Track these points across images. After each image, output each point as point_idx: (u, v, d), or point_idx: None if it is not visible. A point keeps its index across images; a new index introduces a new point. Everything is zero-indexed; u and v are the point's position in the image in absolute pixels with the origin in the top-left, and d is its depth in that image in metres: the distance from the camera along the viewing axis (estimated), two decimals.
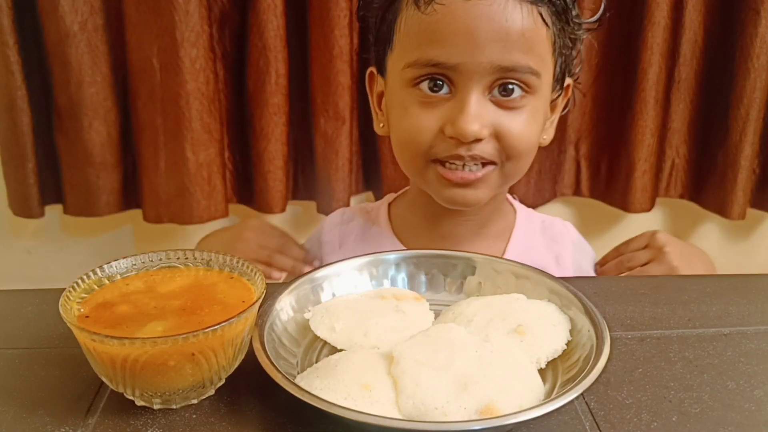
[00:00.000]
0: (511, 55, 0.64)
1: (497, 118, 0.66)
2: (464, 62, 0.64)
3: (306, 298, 0.55)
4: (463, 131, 0.64)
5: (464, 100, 0.65)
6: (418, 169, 0.71)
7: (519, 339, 0.49)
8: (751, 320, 0.59)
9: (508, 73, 0.65)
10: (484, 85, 0.65)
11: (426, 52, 0.65)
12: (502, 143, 0.67)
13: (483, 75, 0.64)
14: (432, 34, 0.65)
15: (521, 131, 0.67)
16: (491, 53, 0.63)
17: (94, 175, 1.20)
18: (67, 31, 1.11)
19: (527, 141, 0.68)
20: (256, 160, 1.21)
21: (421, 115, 0.67)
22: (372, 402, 0.42)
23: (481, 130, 0.65)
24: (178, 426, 0.45)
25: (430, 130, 0.67)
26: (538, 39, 0.65)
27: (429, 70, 0.66)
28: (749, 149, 1.23)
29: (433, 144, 0.68)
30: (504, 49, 0.63)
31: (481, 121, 0.65)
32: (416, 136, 0.68)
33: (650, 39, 1.17)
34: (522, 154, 0.69)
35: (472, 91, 0.65)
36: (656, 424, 0.45)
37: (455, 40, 0.64)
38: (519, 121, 0.67)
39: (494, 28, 0.63)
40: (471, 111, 0.64)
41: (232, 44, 1.18)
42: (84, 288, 0.49)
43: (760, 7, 1.15)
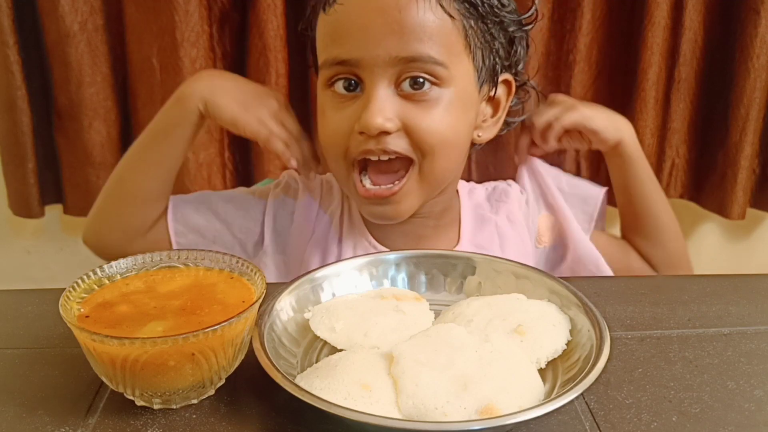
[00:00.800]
0: (408, 46, 0.64)
1: (405, 112, 0.66)
2: (363, 57, 0.65)
3: (306, 298, 0.55)
4: (367, 124, 0.65)
5: (370, 95, 0.66)
6: (342, 176, 0.71)
7: (519, 339, 0.49)
8: (751, 320, 0.59)
9: (410, 64, 0.65)
10: (389, 79, 0.66)
11: (331, 52, 0.67)
12: (413, 137, 0.67)
13: (384, 68, 0.65)
14: (334, 33, 0.67)
15: (431, 124, 0.66)
16: (387, 46, 0.64)
17: (94, 175, 1.20)
18: (67, 31, 1.11)
19: (441, 134, 0.67)
20: (256, 160, 1.21)
21: (335, 116, 0.69)
22: (372, 402, 0.42)
23: (384, 123, 0.65)
24: (178, 426, 0.45)
25: (343, 129, 0.68)
26: (441, 30, 0.65)
27: (337, 69, 0.67)
28: (749, 149, 1.23)
29: (347, 144, 0.68)
30: (400, 40, 0.64)
31: (385, 114, 0.65)
32: (332, 137, 0.69)
33: (650, 39, 1.17)
34: (436, 149, 0.67)
35: (378, 86, 0.65)
36: (656, 424, 0.45)
37: (352, 36, 0.65)
38: (429, 115, 0.66)
39: (388, 21, 0.64)
40: (375, 105, 0.65)
41: (232, 44, 1.18)
42: (84, 288, 0.49)
43: (760, 7, 1.15)
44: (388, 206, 0.69)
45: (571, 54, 1.21)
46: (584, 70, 1.23)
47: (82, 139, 1.17)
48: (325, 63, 0.68)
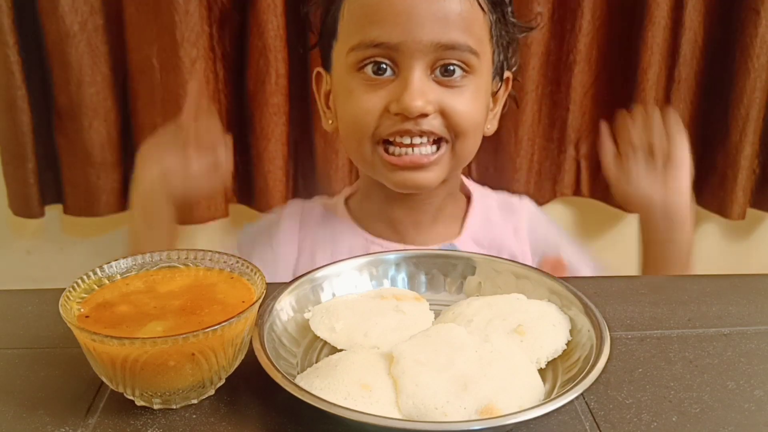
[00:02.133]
0: (450, 34, 0.67)
1: (441, 97, 0.69)
2: (405, 41, 0.66)
3: (306, 298, 0.55)
4: (407, 106, 0.66)
5: (408, 78, 0.67)
6: (364, 154, 0.72)
7: (519, 339, 0.49)
8: (751, 320, 0.59)
9: (448, 51, 0.67)
10: (426, 64, 0.68)
11: (368, 34, 0.68)
12: (448, 120, 0.69)
13: (424, 53, 0.67)
14: (374, 16, 0.67)
15: (465, 109, 0.70)
16: (431, 31, 0.66)
17: (94, 175, 1.20)
18: (67, 31, 1.11)
19: (473, 118, 0.71)
20: (256, 160, 1.21)
21: (366, 95, 0.69)
22: (372, 402, 0.42)
23: (425, 106, 0.67)
24: (178, 426, 0.45)
25: (376, 109, 0.69)
26: (476, 21, 0.69)
27: (372, 52, 0.68)
28: (749, 149, 1.23)
29: (378, 123, 0.69)
30: (443, 27, 0.66)
31: (425, 97, 0.67)
32: (362, 117, 0.70)
33: (650, 39, 1.17)
34: (469, 131, 0.71)
35: (415, 70, 0.67)
36: (656, 424, 0.45)
37: (396, 20, 0.66)
38: (462, 99, 0.69)
39: (433, 9, 0.66)
40: (415, 87, 0.67)
41: (232, 44, 1.18)
42: (84, 288, 0.49)
43: (760, 7, 1.15)
44: (420, 173, 0.71)
45: (571, 54, 1.21)
46: (584, 70, 1.23)
47: (82, 139, 1.17)
48: (359, 44, 0.69)
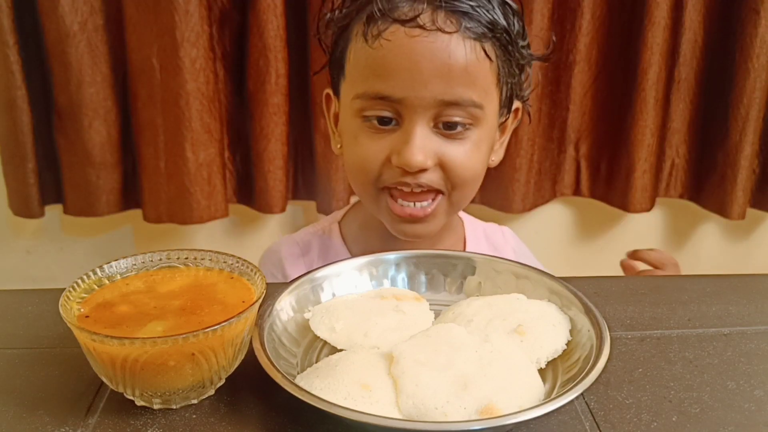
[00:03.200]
0: (453, 90, 0.66)
1: (441, 149, 0.68)
2: (408, 96, 0.66)
3: (306, 298, 0.55)
4: (408, 162, 0.66)
5: (410, 131, 0.67)
6: (370, 196, 0.73)
7: (519, 339, 0.49)
8: (751, 320, 0.59)
9: (451, 106, 0.67)
10: (429, 117, 0.67)
11: (373, 86, 0.67)
12: (447, 173, 0.69)
13: (427, 108, 0.66)
14: (378, 68, 0.67)
15: (464, 161, 0.69)
16: (434, 88, 0.65)
17: (94, 175, 1.20)
18: (67, 31, 1.11)
19: (472, 170, 0.71)
20: (256, 160, 1.21)
21: (370, 144, 0.69)
22: (372, 402, 0.42)
23: (425, 161, 0.67)
24: (178, 426, 0.45)
25: (378, 159, 0.69)
26: (481, 73, 0.67)
27: (376, 103, 0.68)
28: (749, 149, 1.23)
29: (381, 172, 0.70)
30: (447, 84, 0.65)
31: (426, 152, 0.67)
32: (365, 165, 0.70)
33: (650, 39, 1.17)
34: (467, 183, 0.71)
35: (417, 124, 0.67)
36: (656, 424, 0.45)
37: (400, 75, 0.66)
38: (463, 151, 0.69)
39: (437, 65, 0.65)
40: (416, 142, 0.66)
41: (232, 44, 1.18)
42: (84, 288, 0.49)
43: (760, 7, 1.15)
44: (419, 225, 0.72)
45: (571, 54, 1.21)
46: (584, 70, 1.23)
47: (82, 139, 1.17)
48: (364, 94, 0.68)
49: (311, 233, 0.85)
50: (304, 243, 0.85)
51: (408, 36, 0.65)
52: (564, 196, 1.34)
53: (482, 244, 0.85)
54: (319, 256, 0.82)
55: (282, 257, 0.84)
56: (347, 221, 0.84)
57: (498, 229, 0.90)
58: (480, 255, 0.60)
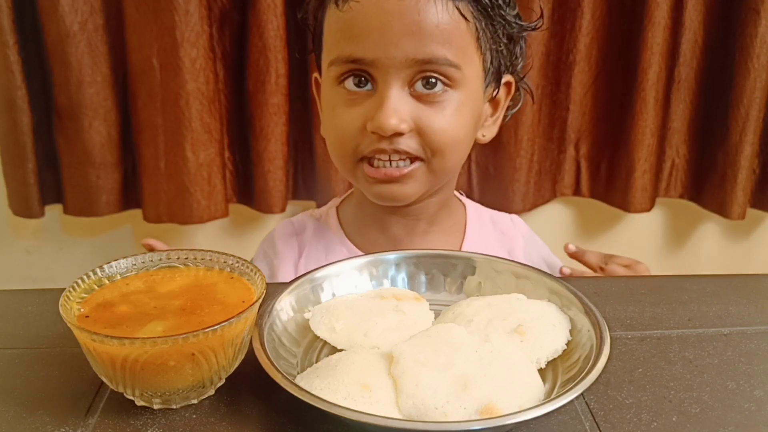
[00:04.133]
0: (425, 48, 0.64)
1: (418, 113, 0.66)
2: (379, 57, 0.65)
3: (306, 298, 0.55)
4: (381, 125, 0.65)
5: (384, 95, 0.66)
6: (349, 168, 0.71)
7: (519, 339, 0.49)
8: (751, 320, 0.59)
9: (426, 65, 0.65)
10: (403, 80, 0.66)
11: (344, 49, 0.67)
12: (425, 138, 0.67)
13: (400, 69, 0.65)
14: (348, 31, 0.66)
15: (443, 126, 0.67)
16: (405, 47, 0.64)
17: (94, 175, 1.20)
18: (67, 31, 1.11)
19: (451, 136, 0.68)
20: (256, 160, 1.21)
21: (346, 113, 0.68)
22: (372, 402, 0.42)
23: (399, 124, 0.65)
24: (178, 426, 0.45)
25: (354, 127, 0.68)
26: (456, 32, 0.66)
27: (349, 67, 0.67)
28: (749, 149, 1.23)
29: (358, 141, 0.68)
30: (418, 42, 0.64)
31: (400, 115, 0.65)
32: (342, 134, 0.69)
33: (650, 39, 1.17)
34: (446, 149, 0.68)
35: (391, 86, 0.65)
36: (656, 424, 0.45)
37: (369, 36, 0.65)
38: (441, 116, 0.67)
39: (406, 23, 0.64)
40: (390, 105, 0.65)
41: (232, 44, 1.18)
42: (84, 288, 0.49)
43: (760, 7, 1.15)
44: (395, 185, 0.69)
45: (571, 54, 1.21)
46: (584, 70, 1.23)
47: (82, 139, 1.17)
48: (337, 59, 0.68)
49: (308, 215, 0.86)
50: (298, 222, 0.85)
51: None
52: (564, 196, 1.34)
53: (487, 230, 0.83)
54: (314, 236, 0.82)
55: (275, 235, 0.85)
56: (345, 205, 0.84)
57: (507, 217, 0.88)
58: (480, 255, 0.60)
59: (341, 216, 0.83)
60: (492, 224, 0.85)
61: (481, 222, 0.83)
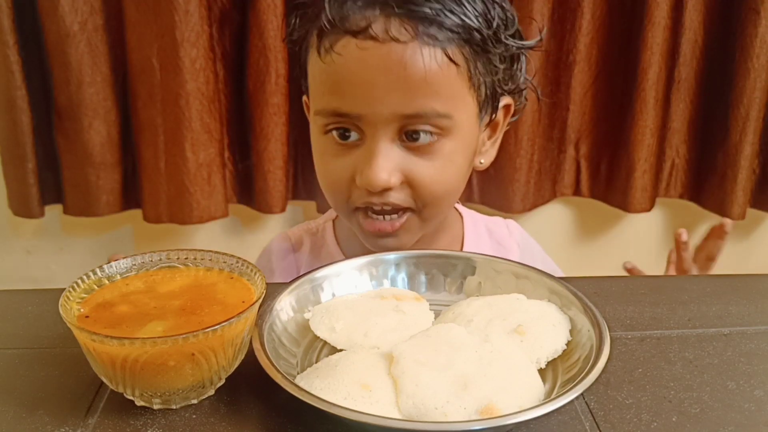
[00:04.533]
0: (413, 103, 0.61)
1: (408, 165, 0.64)
2: (365, 113, 0.62)
3: (306, 298, 0.55)
4: (370, 182, 0.62)
5: (372, 149, 0.63)
6: (345, 215, 0.70)
7: (519, 339, 0.49)
8: (751, 320, 0.59)
9: (414, 119, 0.62)
10: (392, 132, 0.63)
11: (329, 103, 0.64)
12: (416, 190, 0.65)
13: (388, 123, 0.62)
14: (333, 85, 0.63)
15: (434, 177, 0.64)
16: (392, 103, 0.61)
17: (94, 175, 1.20)
18: (67, 31, 1.12)
19: (443, 186, 0.66)
20: (256, 160, 1.21)
21: (334, 163, 0.66)
22: (372, 402, 0.42)
23: (388, 179, 0.63)
24: (178, 426, 0.45)
25: (344, 179, 0.66)
26: (445, 81, 0.62)
27: (335, 119, 0.64)
28: (749, 149, 1.23)
29: (349, 193, 0.66)
30: (405, 97, 0.61)
31: (389, 169, 0.63)
32: (333, 186, 0.68)
33: (650, 39, 1.17)
34: (438, 200, 0.66)
35: (380, 140, 0.63)
36: (656, 424, 0.45)
37: (355, 92, 0.62)
38: (432, 167, 0.64)
39: (392, 79, 0.60)
40: (378, 161, 0.62)
41: (232, 44, 1.19)
42: (84, 288, 0.49)
43: (760, 7, 1.15)
44: (390, 239, 0.68)
45: (571, 54, 1.21)
46: (584, 70, 1.23)
47: (82, 139, 1.17)
48: (321, 111, 0.65)
49: (305, 230, 0.84)
50: (295, 239, 0.83)
51: (360, 49, 0.60)
52: (564, 196, 1.34)
53: (483, 241, 0.82)
54: (311, 253, 0.81)
55: (272, 252, 0.84)
56: (341, 219, 0.82)
57: (502, 223, 0.86)
58: (480, 255, 0.60)
59: (337, 231, 0.81)
60: (488, 234, 0.83)
61: (478, 233, 0.82)
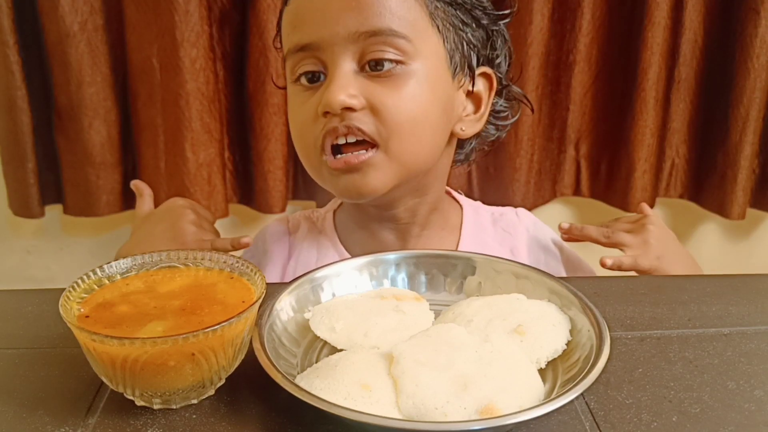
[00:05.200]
0: (367, 20, 0.63)
1: (370, 90, 0.64)
2: (322, 36, 0.64)
3: (306, 298, 0.55)
4: (328, 101, 0.63)
5: (332, 74, 0.64)
6: (315, 167, 0.69)
7: (519, 339, 0.49)
8: (751, 320, 0.59)
9: (372, 38, 0.63)
10: (351, 57, 0.64)
11: (291, 39, 0.67)
12: (378, 116, 0.64)
13: (345, 45, 0.64)
14: (294, 20, 0.67)
15: (397, 102, 0.64)
16: (346, 22, 0.63)
17: (94, 175, 1.20)
18: (67, 31, 1.11)
19: (407, 113, 0.65)
20: (256, 160, 1.21)
21: (302, 106, 0.68)
22: (372, 402, 0.42)
23: (348, 99, 0.63)
24: (178, 426, 0.45)
25: (310, 117, 0.66)
26: (402, 4, 0.64)
27: (299, 56, 0.66)
28: (749, 149, 1.23)
29: (313, 130, 0.66)
30: (359, 15, 0.63)
31: (348, 90, 0.63)
32: (301, 127, 0.68)
33: (650, 39, 1.17)
34: (403, 129, 0.65)
35: (339, 65, 0.64)
36: (656, 424, 0.45)
37: (311, 18, 0.65)
38: (395, 92, 0.64)
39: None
40: (337, 82, 0.63)
41: (232, 44, 1.18)
42: (84, 288, 0.49)
43: (760, 7, 1.15)
44: (357, 175, 0.66)
45: (571, 54, 1.21)
46: (584, 70, 1.23)
47: (82, 139, 1.17)
48: (288, 53, 0.68)
49: (304, 216, 0.85)
50: (293, 221, 0.84)
51: None
52: (564, 196, 1.34)
53: (485, 230, 0.81)
54: (306, 238, 0.81)
55: (267, 233, 0.84)
56: (341, 210, 0.83)
57: (512, 212, 0.85)
58: (480, 255, 0.60)
59: (337, 220, 0.81)
60: (492, 223, 0.82)
61: (479, 222, 0.81)
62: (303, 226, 0.83)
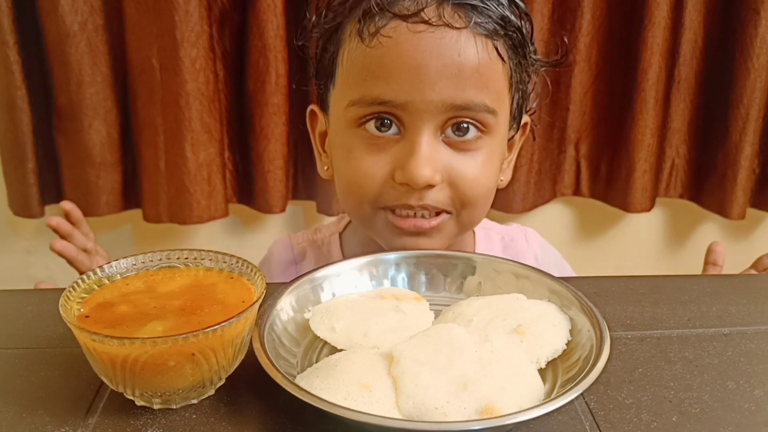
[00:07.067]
0: (464, 93, 0.59)
1: (451, 162, 0.61)
2: (413, 100, 0.59)
3: (306, 298, 0.55)
4: (413, 176, 0.59)
5: (415, 141, 0.60)
6: (365, 216, 0.65)
7: (519, 339, 0.49)
8: (751, 320, 0.59)
9: (462, 111, 0.60)
10: (436, 125, 0.60)
11: (371, 90, 0.60)
12: (457, 190, 0.62)
13: (434, 114, 0.59)
14: (377, 70, 0.59)
15: (477, 176, 0.62)
16: (442, 90, 0.58)
17: (94, 175, 1.20)
18: (67, 31, 1.11)
19: (484, 186, 0.63)
20: (256, 160, 1.21)
21: (368, 158, 0.62)
22: (372, 402, 0.42)
23: (433, 175, 0.60)
24: (178, 426, 0.45)
25: (379, 175, 0.62)
26: (494, 74, 0.60)
27: (375, 109, 0.60)
28: (749, 149, 1.23)
29: (381, 191, 0.62)
30: (456, 85, 0.58)
31: (434, 165, 0.60)
32: (363, 182, 0.63)
33: (650, 39, 1.17)
34: (478, 201, 0.64)
35: (423, 132, 0.60)
36: (656, 424, 0.45)
37: (403, 77, 0.58)
38: (474, 165, 0.62)
39: (445, 63, 0.58)
40: (422, 154, 0.59)
41: (232, 44, 1.19)
42: (84, 288, 0.49)
43: (760, 7, 1.15)
44: (422, 239, 0.64)
45: (571, 54, 1.21)
46: (584, 70, 1.23)
47: (82, 139, 1.17)
48: (361, 100, 0.61)
49: (309, 242, 0.81)
50: (297, 249, 0.80)
51: (411, 32, 0.57)
52: (564, 196, 1.34)
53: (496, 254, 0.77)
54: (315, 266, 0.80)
55: (272, 262, 0.81)
56: (348, 235, 0.79)
57: (521, 233, 0.82)
58: (480, 255, 0.60)
59: (344, 245, 0.78)
60: (502, 249, 0.80)
61: (491, 248, 0.79)
62: (309, 253, 0.79)
